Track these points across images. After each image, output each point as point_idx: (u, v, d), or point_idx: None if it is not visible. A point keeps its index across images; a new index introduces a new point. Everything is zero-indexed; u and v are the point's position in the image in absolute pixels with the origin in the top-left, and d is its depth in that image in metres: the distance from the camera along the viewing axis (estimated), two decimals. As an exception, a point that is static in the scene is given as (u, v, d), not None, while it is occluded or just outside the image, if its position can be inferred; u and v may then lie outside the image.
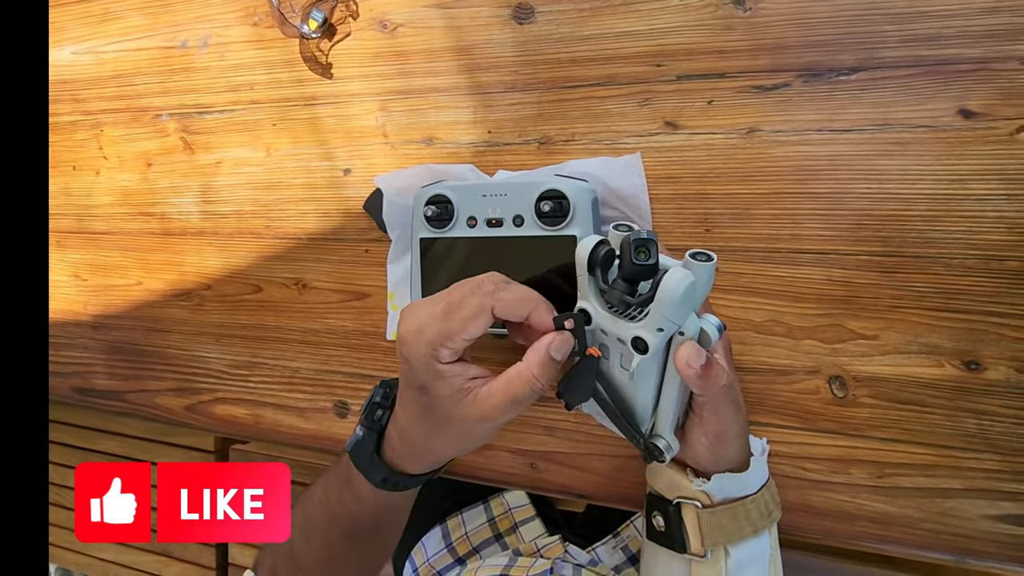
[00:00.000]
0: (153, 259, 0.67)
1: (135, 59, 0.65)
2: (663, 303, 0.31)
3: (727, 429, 0.36)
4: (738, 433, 0.37)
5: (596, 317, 0.35)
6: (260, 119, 0.60)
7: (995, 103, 0.41)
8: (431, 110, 0.54)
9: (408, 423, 0.37)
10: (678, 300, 0.30)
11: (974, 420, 0.42)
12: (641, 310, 0.33)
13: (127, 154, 0.67)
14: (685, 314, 0.32)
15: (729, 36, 0.46)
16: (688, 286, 0.30)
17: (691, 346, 0.33)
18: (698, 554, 0.38)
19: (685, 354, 0.32)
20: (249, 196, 0.61)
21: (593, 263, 0.34)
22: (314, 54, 0.58)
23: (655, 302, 0.31)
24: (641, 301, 0.33)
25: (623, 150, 0.49)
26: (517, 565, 0.55)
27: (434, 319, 0.34)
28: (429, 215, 0.49)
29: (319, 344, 0.60)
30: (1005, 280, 0.41)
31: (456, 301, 0.34)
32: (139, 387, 0.68)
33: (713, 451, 0.37)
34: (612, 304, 0.34)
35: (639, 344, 0.33)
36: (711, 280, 0.32)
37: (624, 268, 0.33)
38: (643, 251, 0.31)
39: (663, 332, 0.32)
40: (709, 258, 0.31)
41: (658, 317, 0.31)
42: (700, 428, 0.36)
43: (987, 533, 0.42)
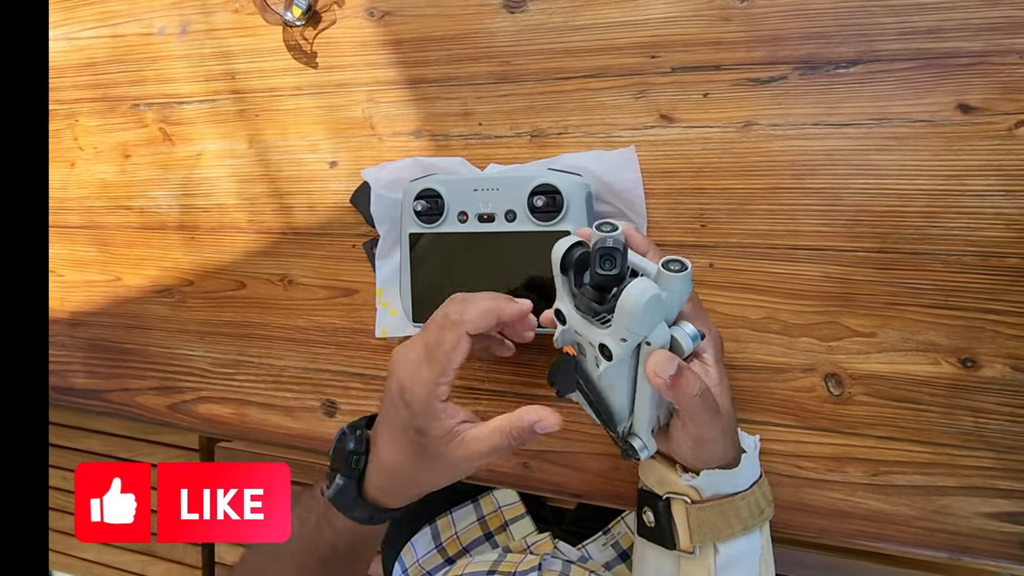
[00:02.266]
0: (132, 254, 0.65)
1: (111, 46, 0.63)
2: (624, 314, 0.30)
3: (704, 434, 0.35)
4: (718, 436, 0.36)
5: (569, 319, 0.35)
6: (242, 109, 0.58)
7: (994, 98, 0.40)
8: (420, 101, 0.53)
9: (398, 463, 0.39)
10: (639, 314, 0.29)
11: (970, 418, 0.42)
12: (608, 317, 0.32)
13: (104, 145, 0.64)
14: (650, 326, 0.31)
15: (725, 27, 0.45)
16: (649, 299, 0.29)
17: (661, 355, 0.32)
18: (687, 550, 0.38)
19: (654, 364, 0.32)
20: (232, 189, 0.60)
21: (566, 265, 0.34)
22: (298, 42, 0.56)
23: (616, 313, 0.30)
24: (608, 308, 0.32)
25: (617, 143, 0.48)
26: (506, 561, 0.55)
27: (422, 363, 0.36)
28: (419, 210, 0.47)
29: (306, 342, 0.58)
30: (1003, 277, 0.41)
31: (433, 341, 0.36)
32: (120, 386, 0.66)
33: (695, 453, 0.37)
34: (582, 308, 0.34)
35: (604, 351, 0.32)
36: (686, 289, 0.31)
37: (590, 276, 0.32)
38: (608, 260, 0.31)
39: (626, 343, 0.31)
40: (683, 267, 0.30)
41: (620, 328, 0.31)
42: (683, 430, 0.36)
43: (982, 530, 0.42)
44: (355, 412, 0.57)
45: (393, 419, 0.38)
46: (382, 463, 0.39)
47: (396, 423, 0.38)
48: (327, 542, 0.41)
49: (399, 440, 0.38)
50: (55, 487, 1.18)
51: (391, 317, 0.54)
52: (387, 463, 0.39)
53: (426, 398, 0.36)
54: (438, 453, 0.37)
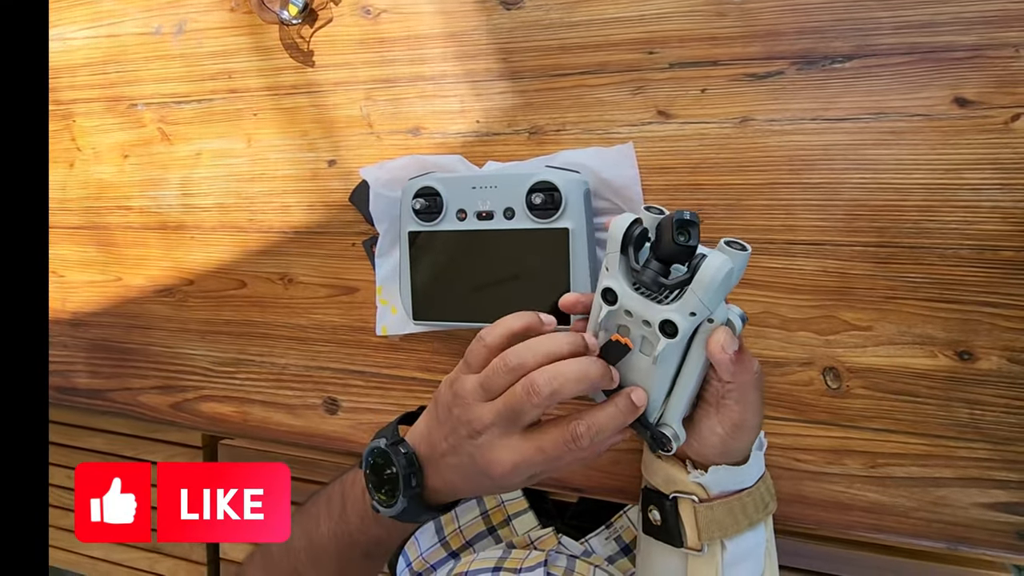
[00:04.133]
0: (132, 254, 0.65)
1: (107, 46, 0.63)
2: (702, 286, 0.30)
3: (748, 419, 0.36)
4: (756, 425, 0.37)
5: (623, 297, 0.34)
6: (240, 109, 0.58)
7: (990, 91, 0.40)
8: (417, 99, 0.53)
9: (469, 489, 0.39)
10: (717, 285, 0.30)
11: (966, 410, 0.42)
12: (671, 293, 0.32)
13: (102, 145, 0.64)
14: (719, 300, 0.32)
15: (722, 22, 0.45)
16: (728, 272, 0.30)
17: (725, 331, 0.33)
18: (695, 548, 0.38)
19: (721, 339, 0.33)
20: (231, 189, 0.60)
21: (627, 241, 0.34)
22: (295, 41, 0.56)
23: (693, 284, 0.31)
24: (674, 284, 0.32)
25: (615, 140, 0.48)
26: (511, 557, 0.55)
27: (534, 464, 0.35)
28: (417, 208, 0.47)
29: (307, 340, 0.59)
30: (998, 270, 0.41)
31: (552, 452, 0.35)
32: (122, 385, 0.66)
33: (726, 442, 0.36)
34: (642, 285, 0.34)
35: (667, 327, 0.32)
36: (743, 271, 0.32)
37: (663, 248, 0.32)
38: (685, 232, 0.31)
39: (695, 316, 0.32)
40: (744, 248, 0.31)
41: (693, 301, 0.31)
42: (716, 416, 0.36)
43: (978, 521, 0.43)
44: (356, 409, 0.57)
45: (471, 474, 0.37)
46: (450, 486, 0.39)
47: (475, 477, 0.37)
48: (371, 538, 0.42)
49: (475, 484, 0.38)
50: (61, 486, 1.19)
51: (391, 315, 0.54)
52: (457, 487, 0.39)
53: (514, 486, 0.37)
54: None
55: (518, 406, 0.34)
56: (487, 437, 0.35)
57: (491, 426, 0.35)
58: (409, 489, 0.38)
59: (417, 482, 0.38)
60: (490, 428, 0.35)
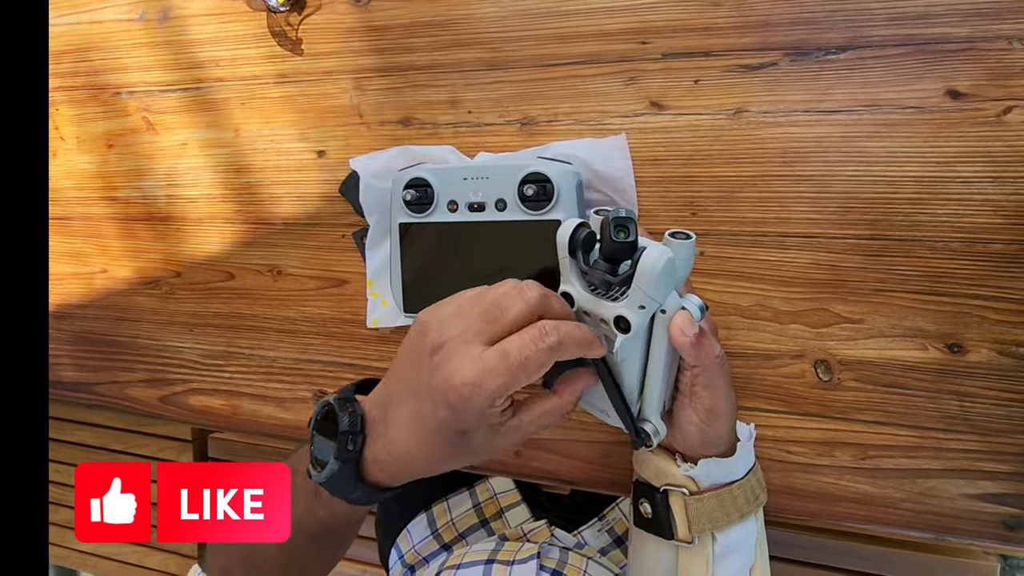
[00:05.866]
0: (117, 246, 0.64)
1: (89, 32, 0.61)
2: (644, 278, 0.31)
3: (719, 404, 0.36)
4: (729, 410, 0.37)
5: (578, 299, 0.35)
6: (227, 98, 0.57)
7: (982, 84, 0.40)
8: (408, 89, 0.52)
9: (419, 455, 0.35)
10: (657, 275, 0.31)
11: (956, 402, 0.43)
12: (622, 289, 0.33)
13: (85, 135, 0.63)
14: (666, 291, 0.33)
15: (715, 12, 0.44)
16: (667, 262, 0.31)
17: (684, 315, 0.33)
18: (685, 540, 0.38)
19: (679, 323, 0.33)
20: (218, 179, 0.59)
21: (574, 245, 0.34)
22: (283, 28, 0.55)
23: (635, 278, 0.32)
24: (622, 280, 0.33)
25: (608, 131, 0.47)
26: (504, 550, 0.55)
27: (497, 374, 0.31)
28: (408, 199, 0.47)
29: (296, 332, 0.58)
30: (988, 262, 0.41)
31: (517, 356, 0.31)
32: (109, 379, 0.66)
33: (703, 431, 0.37)
34: (594, 285, 0.34)
35: (621, 323, 0.33)
36: (691, 259, 0.33)
37: (604, 247, 0.33)
38: (622, 229, 0.32)
39: (644, 310, 0.32)
40: (688, 236, 0.32)
41: (639, 294, 0.32)
42: (691, 406, 0.36)
43: (966, 511, 0.43)
44: (347, 403, 0.57)
45: (426, 415, 0.33)
46: (396, 450, 0.35)
47: (429, 420, 0.33)
48: (317, 520, 0.39)
49: (428, 437, 0.34)
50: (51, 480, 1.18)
51: (382, 307, 0.54)
52: (403, 452, 0.35)
53: (481, 409, 0.31)
54: (474, 449, 0.34)
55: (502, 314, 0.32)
56: (450, 347, 0.32)
57: (455, 337, 0.32)
58: (344, 452, 0.35)
59: (354, 446, 0.35)
60: (454, 338, 0.32)
